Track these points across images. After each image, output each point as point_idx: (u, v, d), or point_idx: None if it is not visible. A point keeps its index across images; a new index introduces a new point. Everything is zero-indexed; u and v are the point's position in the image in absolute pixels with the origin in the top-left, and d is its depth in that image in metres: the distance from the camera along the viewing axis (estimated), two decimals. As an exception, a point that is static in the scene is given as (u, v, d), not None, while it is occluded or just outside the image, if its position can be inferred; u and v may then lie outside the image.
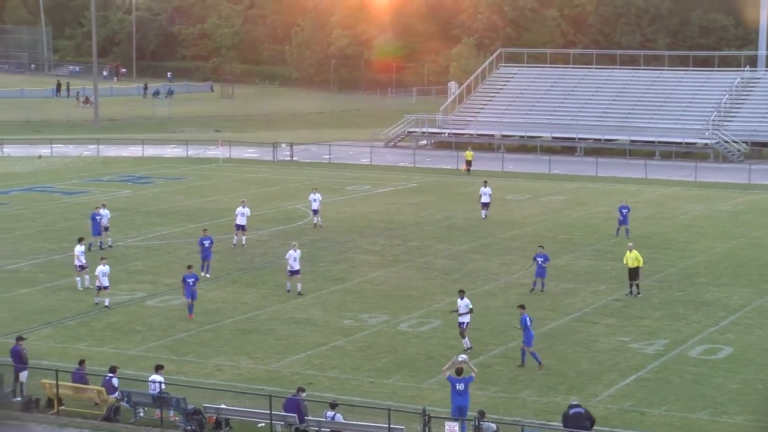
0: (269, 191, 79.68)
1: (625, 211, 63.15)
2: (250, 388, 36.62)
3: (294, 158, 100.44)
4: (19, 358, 37.17)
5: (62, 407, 35.61)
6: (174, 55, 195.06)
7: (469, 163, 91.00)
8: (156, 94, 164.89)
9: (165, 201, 75.10)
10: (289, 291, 49.86)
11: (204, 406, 34.22)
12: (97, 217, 59.38)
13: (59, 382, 35.67)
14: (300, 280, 49.98)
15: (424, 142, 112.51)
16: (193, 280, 46.41)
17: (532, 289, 50.48)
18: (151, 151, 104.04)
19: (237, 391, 36.04)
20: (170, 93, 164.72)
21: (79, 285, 50.55)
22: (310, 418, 33.24)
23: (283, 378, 38.22)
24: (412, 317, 46.28)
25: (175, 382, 36.03)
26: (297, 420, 33.11)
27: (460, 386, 33.27)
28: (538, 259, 50.45)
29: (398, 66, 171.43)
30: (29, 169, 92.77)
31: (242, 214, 60.27)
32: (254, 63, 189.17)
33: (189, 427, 33.80)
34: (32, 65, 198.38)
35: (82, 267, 50.80)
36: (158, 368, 35.67)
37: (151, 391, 34.99)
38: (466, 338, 41.92)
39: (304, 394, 33.66)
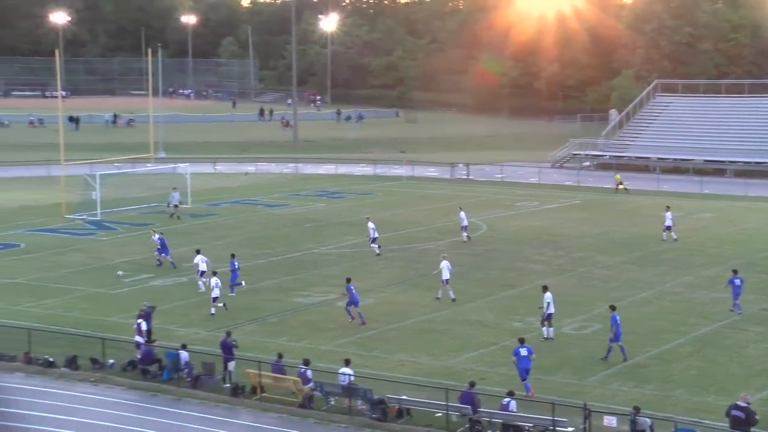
0: (446, 206, 79.63)
1: None
2: (428, 381, 36.67)
3: (470, 177, 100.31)
4: (228, 350, 38.00)
5: (264, 394, 36.24)
6: (364, 84, 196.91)
7: (620, 182, 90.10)
8: (348, 118, 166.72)
9: (355, 213, 75.65)
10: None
11: (387, 397, 34.45)
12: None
13: (261, 372, 36.34)
14: None
15: (587, 163, 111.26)
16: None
17: (740, 312, 46.77)
18: (343, 169, 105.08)
19: (417, 384, 36.12)
20: (360, 118, 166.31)
21: (202, 288, 50.98)
22: (482, 409, 33.20)
23: (458, 373, 38.17)
24: (575, 321, 45.86)
25: (363, 374, 36.26)
26: (471, 411, 33.10)
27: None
28: (735, 281, 47.03)
29: (564, 95, 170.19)
30: (237, 184, 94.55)
31: (373, 229, 61.15)
32: (435, 91, 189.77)
33: (374, 416, 34.04)
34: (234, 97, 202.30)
35: (202, 273, 51.75)
36: (347, 362, 36.05)
37: (341, 383, 35.37)
38: (545, 328, 42.83)
39: (476, 387, 33.69)
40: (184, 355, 38.07)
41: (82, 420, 34.44)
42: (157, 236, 58.12)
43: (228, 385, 37.10)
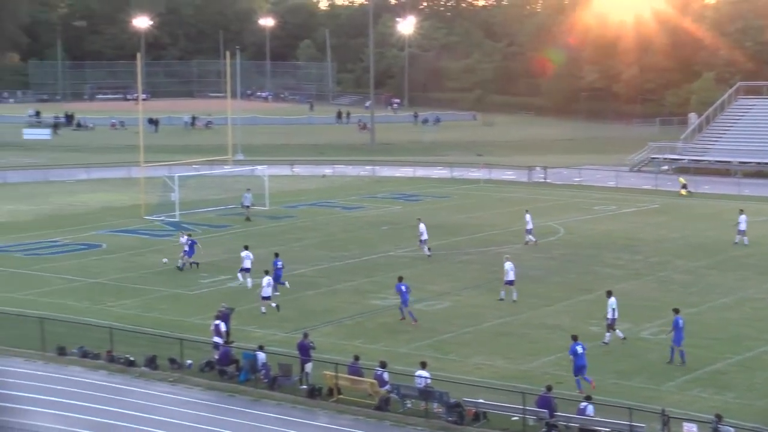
0: (523, 209, 79.06)
1: None
2: (505, 385, 36.51)
3: (547, 180, 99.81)
4: (305, 352, 38.17)
5: (340, 396, 36.35)
6: (441, 87, 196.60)
7: (684, 186, 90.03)
8: (425, 121, 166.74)
9: (431, 216, 75.31)
10: None
11: (464, 400, 34.40)
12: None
13: (338, 374, 36.46)
14: None
15: (666, 167, 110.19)
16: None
17: None
18: (420, 172, 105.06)
19: (493, 387, 35.97)
20: (437, 121, 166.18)
21: (240, 281, 52.77)
22: (559, 413, 33.03)
23: (535, 377, 38.02)
24: (653, 326, 45.39)
25: (439, 377, 36.22)
26: (548, 415, 32.95)
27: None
28: None
29: (643, 98, 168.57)
30: (314, 186, 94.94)
31: (423, 231, 61.08)
32: (511, 94, 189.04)
33: (450, 419, 34.01)
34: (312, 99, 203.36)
35: (246, 270, 52.66)
36: (423, 365, 36.08)
37: (417, 385, 35.37)
38: (611, 332, 42.41)
39: (553, 391, 33.56)
40: (261, 356, 38.33)
41: (160, 419, 34.82)
42: (185, 238, 58.57)
43: (305, 386, 37.26)
